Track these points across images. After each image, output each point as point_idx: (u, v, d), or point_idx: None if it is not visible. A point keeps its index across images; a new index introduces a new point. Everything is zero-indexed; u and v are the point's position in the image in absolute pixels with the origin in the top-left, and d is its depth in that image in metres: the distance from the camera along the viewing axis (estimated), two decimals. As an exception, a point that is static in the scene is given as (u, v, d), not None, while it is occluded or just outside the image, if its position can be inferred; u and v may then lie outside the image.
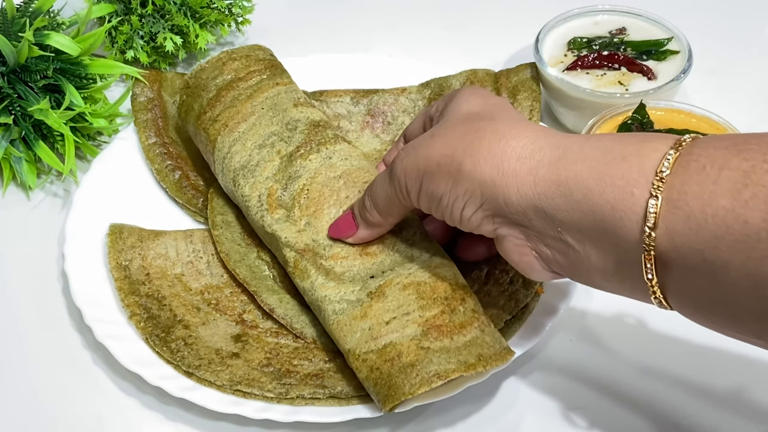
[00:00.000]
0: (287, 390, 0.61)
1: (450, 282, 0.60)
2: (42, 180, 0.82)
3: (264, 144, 0.69)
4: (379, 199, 0.61)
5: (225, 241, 0.70)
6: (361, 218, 0.63)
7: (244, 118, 0.71)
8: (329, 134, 0.70)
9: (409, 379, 0.55)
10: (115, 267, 0.70)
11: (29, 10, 0.81)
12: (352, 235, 0.64)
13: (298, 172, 0.67)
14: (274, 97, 0.72)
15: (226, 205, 0.73)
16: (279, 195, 0.67)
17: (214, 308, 0.68)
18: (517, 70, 0.85)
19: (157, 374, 0.63)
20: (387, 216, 0.62)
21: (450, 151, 0.55)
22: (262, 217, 0.67)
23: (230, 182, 0.69)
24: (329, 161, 0.68)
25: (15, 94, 0.78)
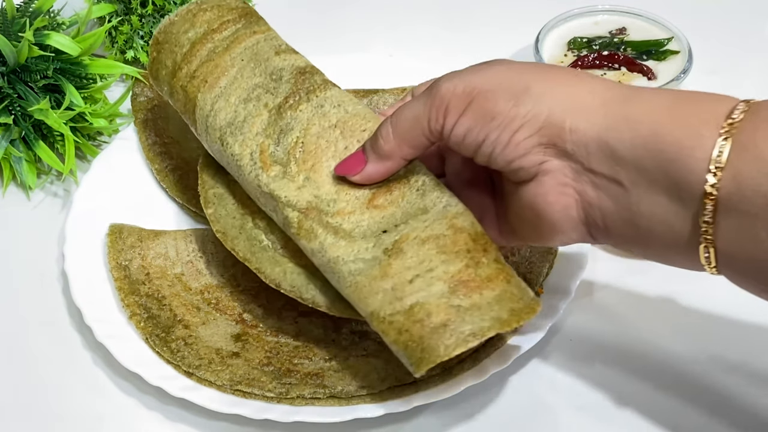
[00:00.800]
0: (287, 390, 0.61)
1: (469, 232, 0.56)
2: (42, 180, 0.82)
3: (249, 98, 0.64)
4: (404, 121, 0.56)
5: (219, 218, 0.66)
6: (372, 150, 0.58)
7: (224, 71, 0.66)
8: (317, 80, 0.65)
9: (443, 339, 0.51)
10: (115, 267, 0.70)
11: (29, 10, 0.81)
12: (360, 171, 0.58)
13: (290, 124, 0.62)
14: (253, 47, 0.67)
15: (217, 175, 0.68)
16: (272, 151, 0.62)
17: (214, 308, 0.68)
18: (517, 70, 0.85)
19: (157, 374, 0.63)
20: (403, 143, 0.57)
21: (514, 74, 0.53)
22: (257, 176, 0.62)
23: (217, 142, 0.65)
24: (321, 110, 0.63)
25: (15, 94, 0.78)
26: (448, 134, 0.55)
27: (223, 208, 0.66)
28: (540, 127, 0.52)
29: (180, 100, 0.68)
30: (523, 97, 0.52)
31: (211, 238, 0.72)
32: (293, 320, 0.67)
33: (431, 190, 0.58)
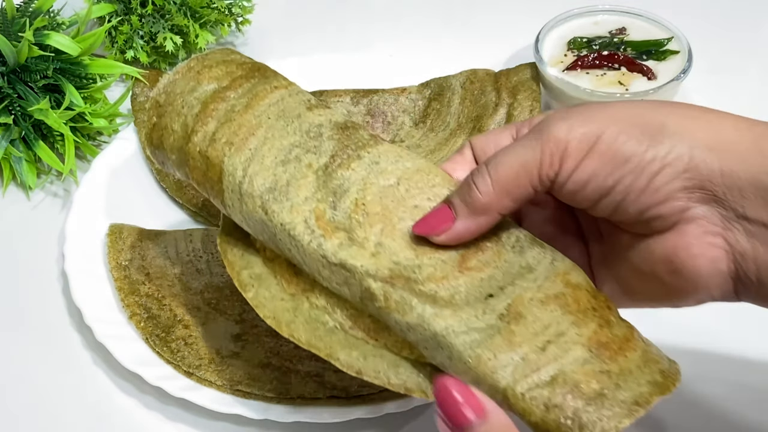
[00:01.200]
0: (287, 390, 0.61)
1: (587, 288, 0.49)
2: (42, 180, 0.82)
3: (287, 159, 0.54)
4: (507, 168, 0.47)
5: (266, 303, 0.55)
6: (464, 203, 0.48)
7: (251, 131, 0.56)
8: (364, 135, 0.56)
9: (603, 412, 0.45)
10: (115, 267, 0.70)
11: (29, 10, 0.81)
12: (447, 230, 0.49)
13: (343, 185, 0.53)
14: (278, 103, 0.58)
15: (245, 254, 0.58)
16: (330, 216, 0.52)
17: (214, 308, 0.68)
18: (517, 70, 0.85)
19: (157, 374, 0.63)
20: (503, 195, 0.48)
21: (643, 110, 0.46)
22: (319, 245, 0.51)
23: (258, 211, 0.54)
24: (377, 167, 0.54)
25: (15, 94, 0.78)
26: (563, 182, 0.47)
27: (265, 290, 0.56)
28: (684, 169, 0.45)
29: (198, 168, 0.57)
30: (659, 136, 0.45)
31: (211, 238, 0.72)
32: (293, 320, 0.67)
33: (530, 246, 0.51)
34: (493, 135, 0.53)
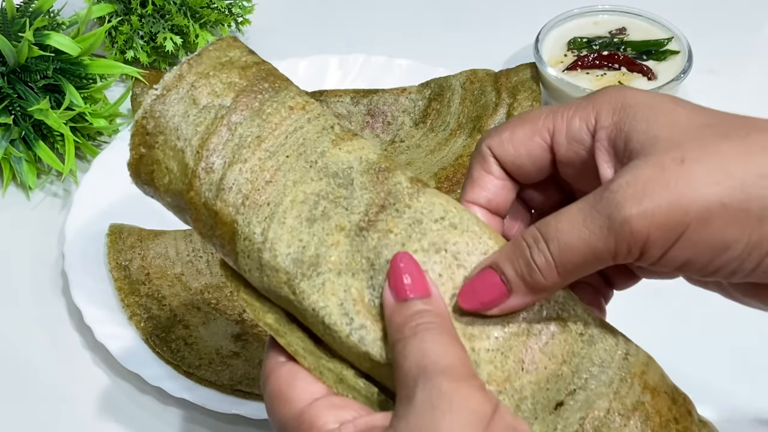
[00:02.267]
0: (287, 390, 0.61)
1: (665, 389, 0.44)
2: (42, 180, 0.82)
3: (313, 217, 0.44)
4: (572, 252, 0.40)
5: (304, 354, 0.43)
6: (521, 279, 0.41)
7: (267, 178, 0.44)
8: (402, 181, 0.44)
9: None
10: (115, 267, 0.70)
11: (29, 10, 0.81)
12: (500, 305, 0.42)
13: (381, 254, 0.43)
14: (296, 133, 0.45)
15: (264, 298, 0.46)
16: (370, 299, 0.42)
17: (214, 308, 0.68)
18: (517, 70, 0.85)
19: (157, 374, 0.63)
20: (567, 279, 0.41)
21: (737, 182, 0.38)
22: (361, 339, 0.42)
23: (283, 288, 0.43)
24: (419, 228, 0.43)
25: (15, 94, 0.78)
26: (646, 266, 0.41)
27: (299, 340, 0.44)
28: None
29: (204, 221, 0.45)
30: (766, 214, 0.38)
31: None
32: (293, 320, 0.67)
33: (600, 334, 0.44)
34: (518, 141, 0.45)
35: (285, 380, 0.42)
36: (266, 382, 0.43)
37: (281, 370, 0.42)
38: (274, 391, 0.42)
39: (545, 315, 0.43)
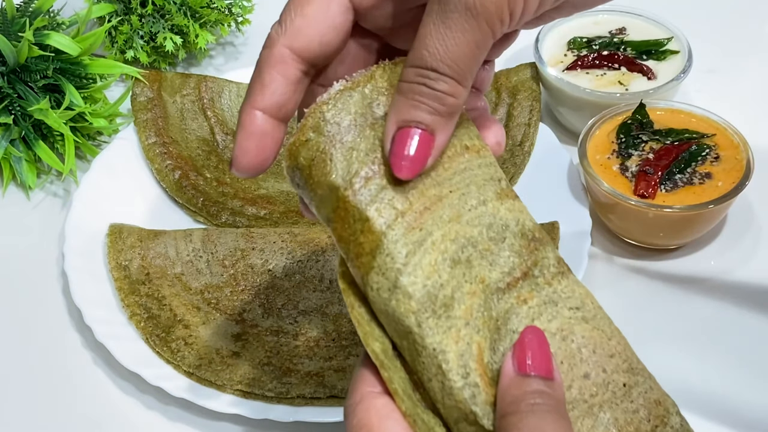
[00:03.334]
0: (287, 389, 0.61)
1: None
2: (42, 180, 0.82)
3: (458, 259, 0.42)
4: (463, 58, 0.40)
5: (403, 396, 0.41)
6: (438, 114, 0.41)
7: (429, 203, 0.42)
8: (550, 258, 0.43)
9: None
10: (115, 267, 0.70)
11: (29, 10, 0.81)
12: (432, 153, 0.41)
13: (509, 321, 0.41)
14: (465, 172, 0.44)
15: (372, 318, 0.43)
16: (489, 360, 0.41)
17: (214, 308, 0.68)
18: (517, 70, 0.85)
19: (157, 374, 0.63)
20: (470, 82, 0.41)
21: None
22: (472, 397, 0.40)
23: (410, 318, 0.41)
24: (553, 309, 0.42)
25: (15, 94, 0.78)
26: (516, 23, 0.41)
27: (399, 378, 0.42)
28: None
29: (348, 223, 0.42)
30: None
31: (211, 238, 0.72)
32: (293, 320, 0.67)
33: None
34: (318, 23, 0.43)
35: (378, 415, 0.40)
36: (355, 408, 0.40)
37: (375, 402, 0.40)
38: (362, 422, 0.40)
39: None
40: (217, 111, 0.84)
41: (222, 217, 0.76)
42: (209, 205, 0.77)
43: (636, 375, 0.42)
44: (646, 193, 0.68)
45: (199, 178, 0.79)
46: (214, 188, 0.79)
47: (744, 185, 0.68)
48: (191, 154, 0.80)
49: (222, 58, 0.95)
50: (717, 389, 0.63)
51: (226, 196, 0.78)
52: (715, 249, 0.73)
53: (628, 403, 0.41)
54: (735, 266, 0.71)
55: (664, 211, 0.67)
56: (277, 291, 0.69)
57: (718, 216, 0.70)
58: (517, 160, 0.78)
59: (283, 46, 0.42)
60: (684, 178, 0.70)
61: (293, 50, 0.42)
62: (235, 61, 0.95)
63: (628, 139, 0.72)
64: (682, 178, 0.69)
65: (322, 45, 0.42)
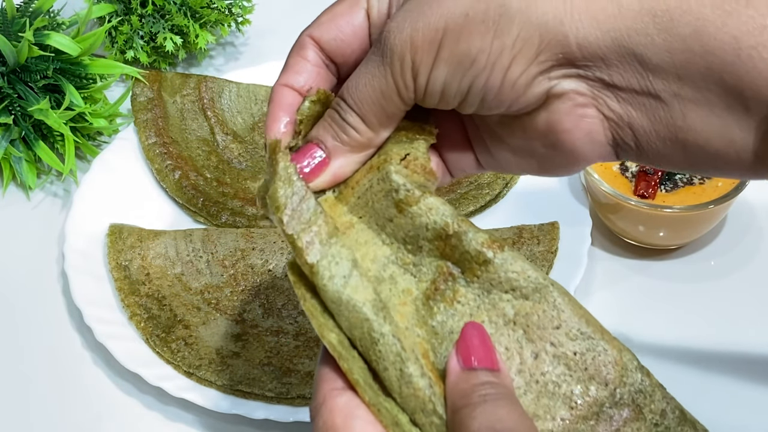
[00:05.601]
0: (287, 390, 0.61)
1: None
2: (42, 180, 0.82)
3: (382, 277, 0.43)
4: (368, 101, 0.43)
5: (365, 387, 0.40)
6: (339, 141, 0.44)
7: (345, 228, 0.44)
8: (472, 248, 0.42)
9: None
10: (115, 267, 0.70)
11: (29, 10, 0.81)
12: (323, 173, 0.44)
13: (446, 325, 0.42)
14: (366, 192, 0.45)
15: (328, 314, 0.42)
16: (433, 360, 0.41)
17: (214, 308, 0.68)
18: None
19: (157, 374, 0.63)
20: (378, 127, 0.44)
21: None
22: (429, 387, 0.39)
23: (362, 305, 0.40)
24: (488, 298, 0.42)
25: (15, 94, 0.78)
26: (422, 97, 0.43)
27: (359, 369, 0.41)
28: (536, 52, 0.40)
29: None
30: (503, 22, 0.40)
31: (211, 238, 0.72)
32: (293, 320, 0.67)
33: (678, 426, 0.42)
34: (339, 20, 0.46)
35: (341, 414, 0.39)
36: (320, 410, 0.40)
37: (337, 400, 0.40)
38: (327, 424, 0.39)
39: (618, 398, 0.40)
40: (217, 111, 0.84)
41: (222, 217, 0.76)
42: (209, 205, 0.77)
43: (586, 339, 0.41)
44: (646, 193, 0.68)
45: (199, 178, 0.79)
46: (214, 188, 0.79)
47: (744, 185, 0.68)
48: (191, 154, 0.80)
49: (222, 59, 0.95)
50: (717, 389, 0.63)
51: (226, 196, 0.78)
52: (715, 249, 0.73)
53: (582, 372, 0.40)
54: (735, 266, 0.71)
55: (664, 211, 0.67)
56: (277, 291, 0.69)
57: (718, 216, 0.70)
58: (517, 160, 0.78)
59: (306, 35, 0.46)
60: (684, 178, 0.70)
61: (312, 37, 0.46)
62: (235, 61, 0.95)
63: (628, 139, 0.72)
64: (682, 178, 0.70)
65: (337, 39, 0.45)
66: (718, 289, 0.70)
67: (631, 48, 0.40)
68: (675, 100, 0.40)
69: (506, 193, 0.77)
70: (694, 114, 0.40)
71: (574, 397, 0.40)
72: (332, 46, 0.46)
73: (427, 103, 0.43)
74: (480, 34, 0.40)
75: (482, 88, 0.42)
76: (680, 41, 0.39)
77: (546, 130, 0.43)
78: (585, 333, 0.41)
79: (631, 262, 0.72)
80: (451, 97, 0.43)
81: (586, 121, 0.42)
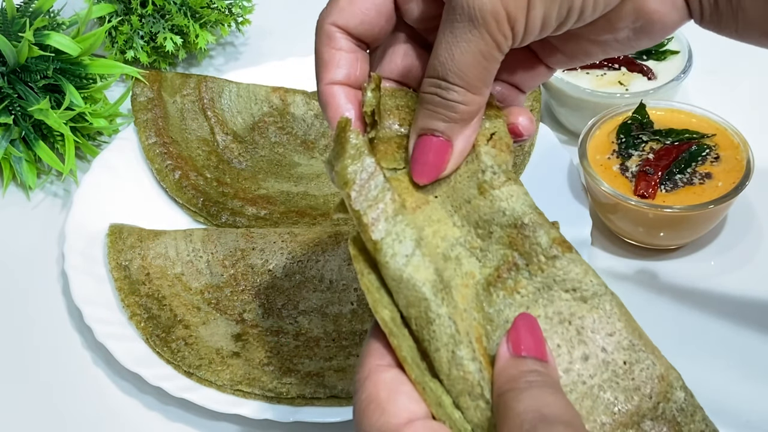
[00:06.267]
0: (288, 390, 0.61)
1: None
2: (42, 180, 0.82)
3: (448, 256, 0.43)
4: (469, 67, 0.42)
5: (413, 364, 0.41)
6: (450, 121, 0.43)
7: (420, 203, 0.44)
8: (542, 242, 0.43)
9: None
10: (115, 267, 0.70)
11: (29, 10, 0.81)
12: (450, 158, 0.44)
13: (502, 314, 0.42)
14: (448, 180, 0.45)
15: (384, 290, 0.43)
16: (486, 346, 0.42)
17: (214, 308, 0.68)
18: (517, 70, 0.85)
19: (157, 374, 0.63)
20: (483, 89, 0.43)
21: None
22: (479, 371, 0.40)
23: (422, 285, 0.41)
24: (548, 294, 0.42)
25: (15, 94, 0.78)
26: (520, 40, 0.43)
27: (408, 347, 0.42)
28: None
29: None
30: None
31: (211, 238, 0.72)
32: (293, 320, 0.67)
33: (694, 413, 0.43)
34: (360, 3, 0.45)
35: (386, 389, 0.39)
36: (364, 383, 0.40)
37: (383, 375, 0.40)
38: (371, 397, 0.39)
39: (659, 413, 0.41)
40: (217, 111, 0.84)
41: (222, 217, 0.76)
42: (209, 205, 0.77)
43: (637, 351, 0.41)
44: (646, 194, 0.68)
45: (199, 178, 0.79)
46: (214, 188, 0.79)
47: (744, 185, 0.68)
48: (191, 154, 0.80)
49: (222, 58, 0.95)
50: (717, 389, 0.63)
51: (226, 196, 0.78)
52: (715, 249, 0.73)
53: (629, 381, 0.41)
54: (735, 266, 0.71)
55: (664, 211, 0.67)
56: (277, 291, 0.69)
57: (718, 216, 0.70)
58: (517, 160, 0.78)
59: (329, 23, 0.45)
60: (684, 178, 0.70)
61: (338, 26, 0.45)
62: (235, 61, 0.95)
63: (628, 140, 0.72)
64: (682, 179, 0.69)
65: (364, 23, 0.45)
66: (718, 289, 0.70)
67: None
68: None
69: (506, 193, 0.77)
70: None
71: (617, 405, 0.41)
72: (360, 30, 0.45)
73: (524, 43, 0.43)
74: None
75: (580, 6, 0.42)
76: None
77: (634, 16, 0.44)
78: (636, 345, 0.42)
79: (631, 262, 0.72)
80: (550, 27, 0.43)
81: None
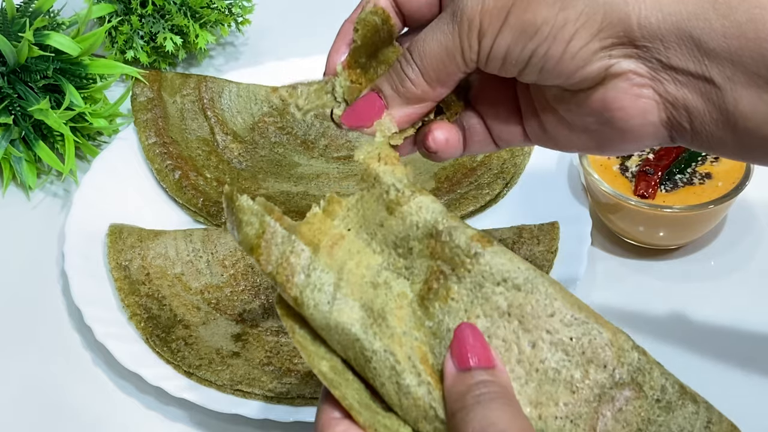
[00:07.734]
0: (287, 390, 0.61)
1: None
2: (42, 180, 0.82)
3: (377, 282, 0.43)
4: (433, 58, 0.45)
5: (360, 409, 0.41)
6: (396, 92, 0.47)
7: (335, 240, 0.44)
8: (461, 243, 0.42)
9: None
10: (115, 267, 0.70)
11: (29, 10, 0.81)
12: (377, 119, 0.47)
13: (443, 323, 0.42)
14: (357, 205, 0.45)
15: (319, 341, 0.43)
16: (433, 362, 0.41)
17: (214, 308, 0.68)
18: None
19: (157, 374, 0.63)
20: (435, 84, 0.46)
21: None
22: (428, 393, 0.40)
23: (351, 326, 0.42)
24: (481, 292, 0.42)
25: (15, 94, 0.78)
26: (484, 60, 0.45)
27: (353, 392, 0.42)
28: (599, 29, 0.42)
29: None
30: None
31: (211, 238, 0.72)
32: (293, 320, 0.67)
33: (679, 400, 0.42)
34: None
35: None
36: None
37: (335, 430, 0.41)
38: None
39: (618, 379, 0.41)
40: (217, 111, 0.84)
41: (222, 217, 0.77)
42: (209, 205, 0.77)
43: (581, 324, 0.41)
44: (646, 194, 0.68)
45: (199, 178, 0.79)
46: (214, 188, 0.79)
47: (744, 185, 0.68)
48: (191, 154, 0.80)
49: (222, 58, 0.96)
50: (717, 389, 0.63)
51: (226, 196, 0.78)
52: (715, 249, 0.73)
53: (580, 356, 0.41)
54: (735, 266, 0.71)
55: (664, 211, 0.67)
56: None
57: (718, 216, 0.70)
58: (517, 161, 0.78)
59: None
60: (684, 178, 0.70)
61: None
62: (235, 61, 0.95)
63: (628, 139, 0.72)
64: (682, 178, 0.70)
65: None
66: (718, 289, 0.70)
67: (690, 32, 0.42)
68: (728, 84, 0.42)
69: (506, 193, 0.77)
70: (746, 99, 0.42)
71: (575, 382, 0.41)
72: (410, 4, 0.48)
73: (489, 68, 0.45)
74: (547, 6, 0.42)
75: (543, 56, 0.43)
76: (736, 27, 0.41)
77: (602, 107, 0.45)
78: (578, 318, 0.41)
79: (631, 262, 0.72)
80: (512, 64, 0.44)
81: (642, 101, 0.44)
